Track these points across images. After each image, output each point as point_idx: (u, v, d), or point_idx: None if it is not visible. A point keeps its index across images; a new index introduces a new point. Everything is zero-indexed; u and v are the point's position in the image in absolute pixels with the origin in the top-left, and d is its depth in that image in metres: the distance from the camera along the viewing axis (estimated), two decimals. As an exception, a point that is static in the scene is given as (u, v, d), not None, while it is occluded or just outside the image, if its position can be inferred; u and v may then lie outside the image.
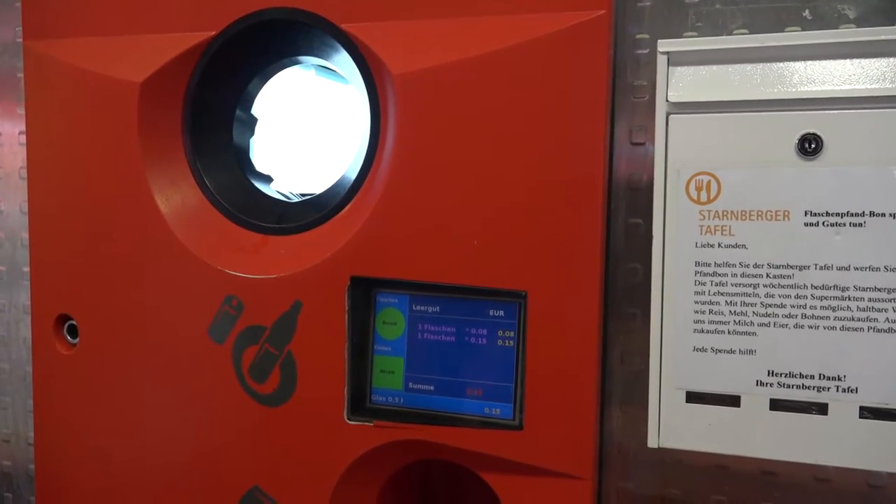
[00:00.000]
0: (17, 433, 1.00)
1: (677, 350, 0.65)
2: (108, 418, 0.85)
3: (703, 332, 0.65)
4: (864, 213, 0.61)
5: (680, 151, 0.65)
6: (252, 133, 0.90)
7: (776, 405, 0.63)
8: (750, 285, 0.64)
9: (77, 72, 0.84)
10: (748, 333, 0.64)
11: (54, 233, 0.87)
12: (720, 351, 0.64)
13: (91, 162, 0.84)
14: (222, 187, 0.85)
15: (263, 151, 0.90)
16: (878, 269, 0.61)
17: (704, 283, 0.65)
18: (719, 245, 0.64)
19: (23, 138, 0.94)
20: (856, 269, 0.61)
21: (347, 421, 0.75)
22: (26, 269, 0.94)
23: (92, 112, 0.84)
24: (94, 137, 0.84)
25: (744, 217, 0.64)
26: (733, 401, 0.64)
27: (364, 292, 0.76)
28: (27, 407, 0.98)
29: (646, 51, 0.71)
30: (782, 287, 0.63)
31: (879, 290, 0.61)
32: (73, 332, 0.87)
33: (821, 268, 0.62)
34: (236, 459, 0.80)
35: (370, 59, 0.75)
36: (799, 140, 0.62)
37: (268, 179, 0.90)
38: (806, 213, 0.62)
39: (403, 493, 0.84)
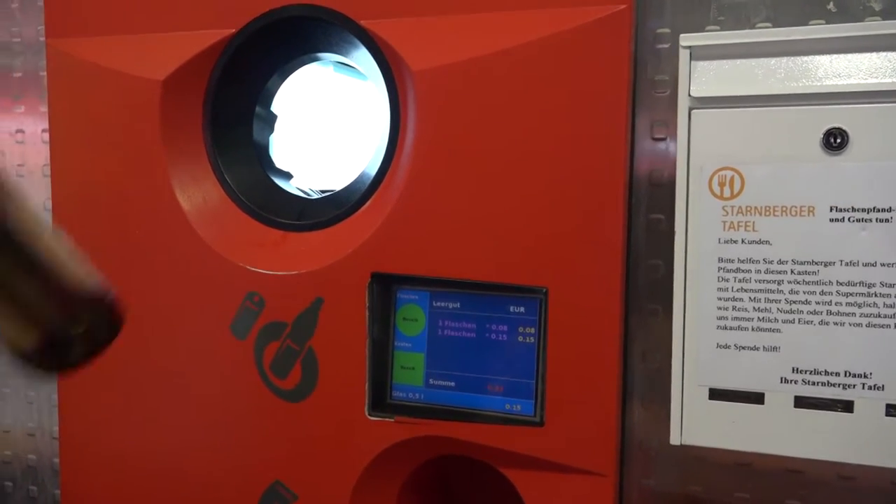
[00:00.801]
0: (41, 427, 1.02)
1: (700, 347, 0.65)
2: (132, 413, 0.86)
3: (726, 328, 0.64)
4: (890, 208, 0.60)
5: (703, 147, 0.64)
6: (272, 130, 0.90)
7: (801, 402, 0.63)
8: (774, 282, 0.63)
9: (99, 70, 0.85)
10: (772, 330, 0.63)
11: (77, 229, 0.88)
12: (744, 348, 0.64)
13: (113, 159, 0.85)
14: (243, 184, 0.85)
15: (283, 148, 0.90)
16: (905, 265, 0.60)
17: (727, 280, 0.64)
18: (743, 241, 0.64)
19: (46, 136, 0.95)
20: (882, 264, 0.60)
21: (368, 416, 0.76)
22: (50, 265, 0.94)
23: (114, 110, 0.85)
24: (117, 135, 0.85)
25: (768, 213, 0.63)
26: (757, 398, 0.64)
27: (385, 289, 0.76)
28: (52, 402, 0.99)
29: (667, 45, 0.70)
30: (807, 283, 0.62)
31: (906, 286, 0.60)
32: (97, 328, 0.88)
33: (846, 264, 0.61)
34: (258, 454, 0.80)
35: (390, 56, 0.75)
36: (824, 135, 0.61)
37: (287, 176, 0.90)
38: (831, 209, 0.61)
39: (424, 488, 0.84)
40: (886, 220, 0.60)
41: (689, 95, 0.65)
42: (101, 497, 0.89)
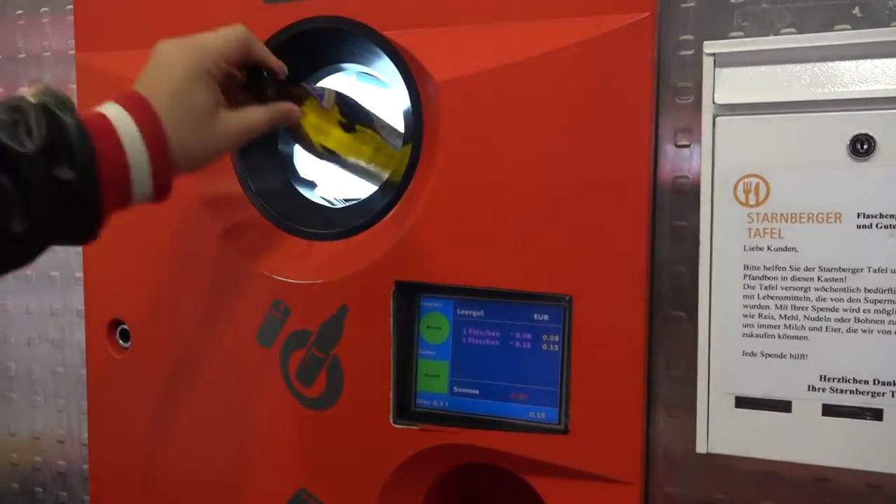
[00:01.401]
0: (71, 434, 1.03)
1: (726, 354, 0.65)
2: (159, 420, 0.87)
3: (752, 336, 0.64)
4: (919, 214, 0.60)
5: (727, 154, 0.64)
6: (296, 140, 0.91)
7: (829, 411, 0.62)
8: (801, 289, 0.63)
9: (128, 83, 0.86)
10: (799, 338, 0.63)
11: (105, 239, 0.89)
12: (770, 355, 0.64)
13: (141, 170, 0.86)
14: (268, 194, 0.86)
15: (307, 158, 0.91)
16: (934, 271, 0.60)
17: (753, 287, 0.64)
18: (769, 248, 0.63)
19: (75, 148, 0.96)
20: (911, 272, 0.60)
21: (393, 424, 0.76)
22: (79, 274, 0.96)
23: (142, 122, 0.86)
24: (144, 146, 0.86)
25: (794, 219, 0.63)
26: (784, 406, 0.63)
27: (409, 297, 0.77)
28: (81, 409, 1.01)
29: (690, 52, 0.70)
30: (834, 290, 0.62)
31: (936, 293, 0.59)
32: (125, 336, 0.89)
33: (874, 271, 0.61)
34: (284, 462, 0.81)
35: (413, 66, 0.76)
36: (850, 141, 0.61)
37: (312, 185, 0.91)
38: (858, 215, 0.61)
39: (449, 496, 0.84)
40: (915, 227, 0.60)
41: (714, 102, 0.65)
42: (129, 503, 0.90)
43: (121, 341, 0.90)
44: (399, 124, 0.84)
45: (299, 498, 0.81)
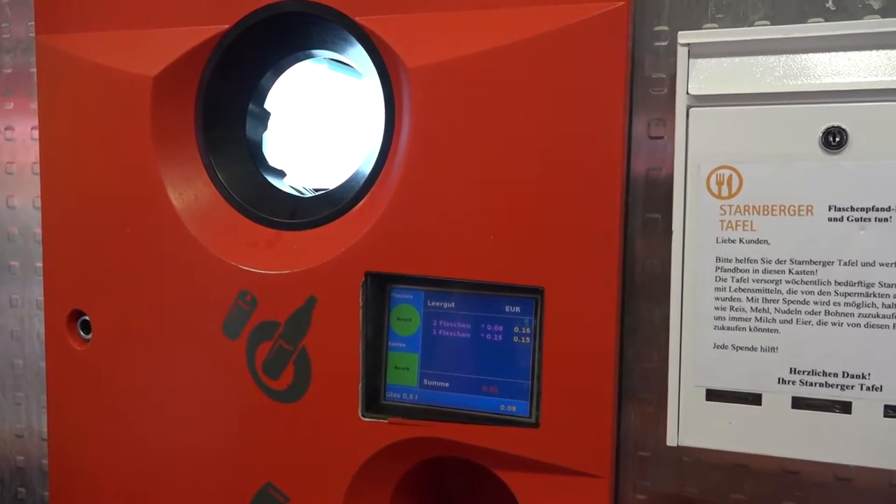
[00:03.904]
0: (30, 428, 1.00)
1: (697, 347, 0.65)
2: (121, 414, 0.85)
3: (723, 328, 0.64)
4: (889, 207, 0.60)
5: (700, 145, 0.64)
6: (265, 127, 0.90)
7: (798, 403, 0.62)
8: (772, 281, 0.63)
9: (90, 66, 0.84)
10: (770, 330, 0.63)
11: (67, 228, 0.87)
12: (741, 348, 0.63)
13: (104, 157, 0.84)
14: (235, 182, 0.84)
15: (276, 146, 0.89)
16: (904, 264, 0.60)
17: (725, 279, 0.64)
18: (741, 240, 0.63)
19: (36, 133, 0.94)
20: (881, 264, 0.60)
21: (362, 418, 0.75)
22: (39, 264, 0.94)
23: (105, 106, 0.84)
24: (107, 132, 0.84)
25: (766, 212, 0.62)
26: (754, 399, 0.63)
27: (379, 288, 0.75)
28: (41, 402, 0.98)
29: (664, 43, 0.70)
30: (805, 283, 0.62)
31: (905, 286, 0.60)
32: (87, 327, 0.87)
33: (845, 263, 0.61)
34: (250, 456, 0.80)
35: (385, 53, 0.74)
36: (823, 133, 0.61)
37: (281, 174, 0.89)
38: (830, 208, 0.61)
39: (418, 490, 0.83)
40: (885, 220, 0.60)
41: (687, 93, 0.64)
42: (90, 499, 0.88)
43: (81, 333, 0.88)
44: (370, 115, 0.82)
45: (265, 493, 0.79)
